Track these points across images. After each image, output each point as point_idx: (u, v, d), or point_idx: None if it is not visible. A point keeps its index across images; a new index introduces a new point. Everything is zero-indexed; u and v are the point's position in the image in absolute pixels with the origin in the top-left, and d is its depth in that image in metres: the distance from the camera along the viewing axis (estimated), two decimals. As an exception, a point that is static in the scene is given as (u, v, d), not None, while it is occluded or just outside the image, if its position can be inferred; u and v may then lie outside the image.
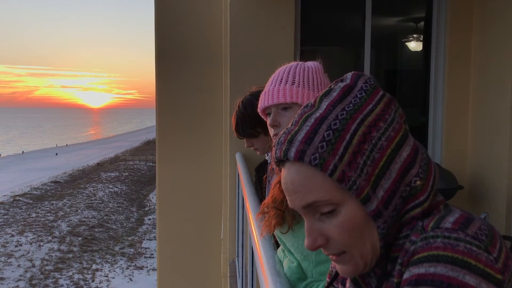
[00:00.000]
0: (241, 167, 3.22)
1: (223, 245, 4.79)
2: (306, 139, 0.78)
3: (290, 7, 4.23)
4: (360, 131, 0.78)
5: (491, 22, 4.14)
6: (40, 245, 28.02)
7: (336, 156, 0.76)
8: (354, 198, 0.77)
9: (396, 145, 0.79)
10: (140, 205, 39.03)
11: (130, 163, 56.78)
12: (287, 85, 1.55)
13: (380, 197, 0.77)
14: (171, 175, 5.72)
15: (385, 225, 0.78)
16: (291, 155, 0.79)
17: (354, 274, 0.83)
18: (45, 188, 42.96)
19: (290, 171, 0.81)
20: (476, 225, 0.71)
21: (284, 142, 0.81)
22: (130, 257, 27.64)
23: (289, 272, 1.41)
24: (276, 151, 0.83)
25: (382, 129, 0.79)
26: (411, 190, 0.79)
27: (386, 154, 0.78)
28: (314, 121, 0.80)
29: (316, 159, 0.77)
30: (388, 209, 0.77)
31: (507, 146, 3.87)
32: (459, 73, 4.44)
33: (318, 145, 0.77)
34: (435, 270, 0.66)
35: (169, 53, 5.64)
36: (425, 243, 0.70)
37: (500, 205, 3.95)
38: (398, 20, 5.02)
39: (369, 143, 0.77)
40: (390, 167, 0.78)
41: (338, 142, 0.77)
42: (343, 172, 0.76)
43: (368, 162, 0.77)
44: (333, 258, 0.83)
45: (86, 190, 41.40)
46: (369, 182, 0.76)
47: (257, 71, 4.03)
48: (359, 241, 0.79)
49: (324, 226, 0.80)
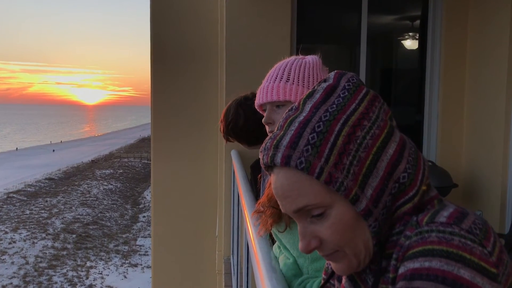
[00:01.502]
0: (236, 165, 3.22)
1: (218, 242, 4.79)
2: (291, 143, 0.79)
3: (286, 4, 4.23)
4: (344, 131, 0.78)
5: (487, 21, 4.16)
6: (34, 242, 27.91)
7: (321, 158, 0.77)
8: (343, 199, 0.77)
9: (382, 142, 0.79)
10: (135, 203, 38.94)
11: (124, 160, 56.62)
12: (281, 83, 1.54)
13: (369, 196, 0.77)
14: (166, 172, 5.71)
15: (376, 223, 0.78)
16: (278, 160, 0.79)
17: (349, 272, 0.84)
18: (39, 185, 42.78)
19: (278, 177, 0.81)
20: (470, 219, 0.72)
21: (271, 148, 0.81)
22: (124, 254, 27.58)
23: (285, 268, 1.42)
24: (264, 157, 0.83)
25: (367, 127, 0.79)
26: (400, 186, 0.79)
27: (372, 153, 0.78)
28: (298, 124, 0.80)
29: (302, 163, 0.77)
30: (378, 207, 0.78)
31: (502, 144, 3.89)
32: (455, 71, 4.45)
33: (303, 149, 0.77)
34: (430, 264, 0.66)
35: (164, 50, 5.62)
36: (420, 238, 0.70)
37: (494, 203, 3.97)
38: (394, 18, 5.03)
39: (354, 143, 0.77)
40: (377, 165, 0.78)
41: (322, 145, 0.77)
42: (330, 174, 0.76)
43: (354, 162, 0.77)
44: (328, 258, 0.84)
45: (81, 187, 41.26)
46: (356, 181, 0.77)
47: (253, 68, 4.03)
48: (351, 240, 0.79)
49: (317, 228, 0.80)
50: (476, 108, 4.31)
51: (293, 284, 1.38)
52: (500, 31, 3.93)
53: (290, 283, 1.38)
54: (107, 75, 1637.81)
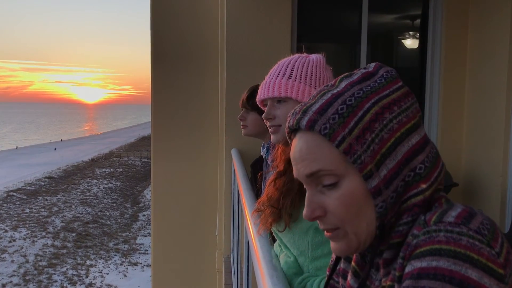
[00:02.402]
0: (236, 163, 3.22)
1: (218, 241, 4.79)
2: (319, 110, 0.82)
3: (286, 4, 4.23)
4: (373, 110, 0.80)
5: (487, 20, 4.16)
6: (34, 240, 27.91)
7: (345, 129, 0.79)
8: (357, 173, 0.79)
9: (407, 130, 0.81)
10: (135, 201, 38.95)
11: (124, 159, 56.62)
12: (283, 79, 1.54)
13: (382, 175, 0.79)
14: (166, 171, 5.71)
15: (384, 204, 0.79)
16: (303, 123, 0.82)
17: (347, 253, 0.84)
18: (39, 184, 42.78)
19: (300, 140, 0.84)
20: (478, 219, 0.72)
21: (299, 112, 0.85)
22: (124, 253, 27.59)
23: (286, 266, 1.42)
24: (290, 120, 0.86)
25: (395, 113, 0.81)
26: (415, 176, 0.81)
27: (395, 136, 0.80)
28: (331, 95, 0.84)
29: (326, 129, 0.80)
30: (388, 189, 0.79)
31: (502, 144, 3.89)
32: (455, 70, 4.45)
33: (330, 116, 0.81)
34: (437, 263, 0.66)
35: (165, 49, 5.62)
36: (428, 237, 0.70)
37: (494, 202, 3.97)
38: (394, 17, 5.03)
39: (380, 123, 0.80)
40: (397, 148, 0.80)
41: (349, 117, 0.80)
42: (350, 145, 0.79)
43: (376, 140, 0.79)
44: (328, 234, 0.84)
45: (81, 186, 41.26)
46: (373, 159, 0.78)
47: (254, 67, 4.03)
48: (355, 217, 0.80)
49: (324, 198, 0.82)
50: (477, 107, 4.31)
51: (294, 283, 1.38)
52: (501, 30, 3.93)
53: (290, 282, 1.38)
54: (107, 74, 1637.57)
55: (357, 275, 0.89)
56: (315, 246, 1.38)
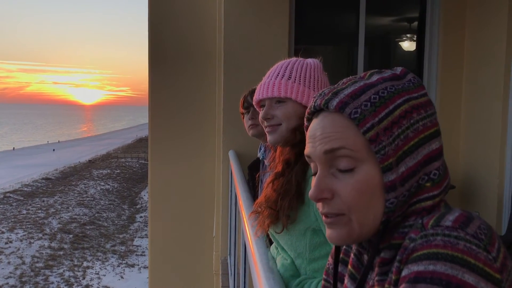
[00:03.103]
0: (234, 165, 3.22)
1: (215, 242, 4.78)
2: (352, 94, 0.82)
3: (284, 5, 4.23)
4: (403, 107, 0.81)
5: (484, 23, 4.17)
6: (30, 242, 27.85)
7: (376, 118, 0.80)
8: (376, 163, 0.79)
9: (430, 134, 0.82)
10: (132, 203, 38.89)
11: (122, 161, 56.55)
12: (283, 80, 1.54)
13: (400, 172, 0.79)
14: (163, 172, 5.70)
15: (395, 201, 0.79)
16: (333, 104, 0.82)
17: (345, 241, 0.83)
18: (36, 185, 42.68)
19: (324, 120, 0.83)
20: (476, 224, 0.72)
21: (328, 94, 0.84)
22: (121, 254, 27.54)
23: (283, 269, 1.42)
24: (317, 100, 0.86)
25: (422, 115, 0.82)
26: (428, 180, 0.82)
27: (419, 137, 0.81)
28: (364, 84, 0.84)
29: (357, 113, 0.80)
30: (403, 187, 0.79)
31: (499, 146, 3.90)
32: (452, 73, 4.46)
33: (362, 102, 0.81)
34: (434, 267, 0.66)
35: (162, 50, 5.62)
36: (425, 241, 0.70)
37: (491, 204, 3.98)
38: (392, 20, 5.04)
39: (407, 120, 0.81)
40: (419, 149, 0.80)
41: (381, 107, 0.81)
42: (377, 134, 0.79)
43: (401, 136, 0.79)
44: (329, 220, 0.82)
45: (78, 187, 41.19)
46: (395, 154, 0.79)
47: (251, 69, 4.03)
48: (365, 206, 0.79)
49: (335, 182, 0.81)
50: (473, 110, 4.32)
51: (291, 285, 1.38)
52: (498, 33, 3.94)
53: (287, 284, 1.38)
54: (104, 75, 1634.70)
55: (353, 277, 0.89)
56: (313, 248, 1.38)
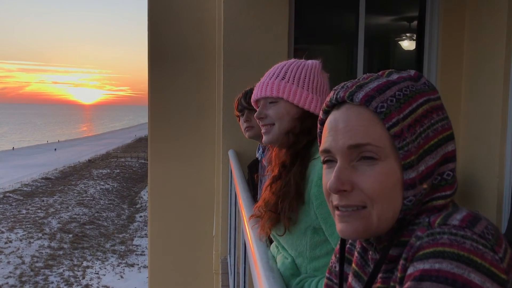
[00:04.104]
0: (233, 164, 3.22)
1: (215, 242, 4.78)
2: (378, 89, 0.82)
3: (283, 5, 4.23)
4: (425, 106, 0.82)
5: (483, 23, 4.17)
6: (30, 242, 27.87)
7: (401, 114, 0.79)
8: (397, 159, 0.79)
9: (447, 136, 0.83)
10: (132, 202, 38.91)
11: (121, 160, 56.56)
12: (277, 80, 1.56)
13: (420, 170, 0.79)
14: (163, 172, 5.70)
15: (413, 199, 0.79)
16: (359, 96, 0.81)
17: (361, 236, 0.81)
18: (36, 185, 42.70)
19: (348, 112, 0.82)
20: (483, 224, 0.72)
21: (352, 87, 0.83)
22: (121, 254, 27.57)
23: (283, 268, 1.42)
24: (339, 92, 0.84)
25: (441, 116, 0.83)
26: (442, 181, 0.82)
27: (438, 137, 0.81)
28: (387, 80, 0.83)
29: (383, 108, 0.79)
30: (422, 185, 0.79)
31: (498, 146, 3.90)
32: (452, 72, 4.46)
33: (388, 97, 0.80)
34: (440, 266, 0.66)
35: (162, 50, 5.62)
36: (431, 239, 0.70)
37: (491, 204, 3.98)
38: (391, 19, 5.04)
39: (428, 120, 0.81)
40: (438, 149, 0.81)
41: (405, 104, 0.80)
42: (402, 131, 0.79)
43: (422, 135, 0.80)
44: (344, 213, 0.81)
45: (77, 187, 41.21)
46: (417, 151, 0.79)
47: (251, 69, 4.03)
48: (387, 200, 0.79)
49: (356, 174, 0.80)
50: (473, 109, 4.32)
51: (291, 284, 1.38)
52: (497, 32, 3.95)
53: (288, 283, 1.39)
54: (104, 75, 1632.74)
55: (358, 275, 0.89)
56: (313, 246, 1.38)
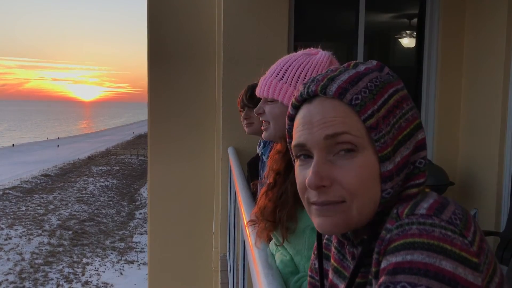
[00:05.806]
0: (233, 161, 3.22)
1: (214, 239, 4.79)
2: (350, 80, 0.80)
3: (283, 3, 4.23)
4: (395, 96, 0.81)
5: (483, 20, 4.17)
6: (30, 238, 27.88)
7: (375, 105, 0.78)
8: (373, 152, 0.77)
9: (417, 125, 0.82)
10: (131, 199, 38.93)
11: (121, 157, 56.57)
12: (275, 80, 1.54)
13: (396, 162, 0.78)
14: (163, 169, 5.70)
15: (391, 191, 0.78)
16: (332, 90, 0.79)
17: (341, 230, 0.80)
18: (35, 182, 42.70)
19: (322, 104, 0.80)
20: (450, 209, 0.71)
21: (323, 79, 0.81)
22: (120, 251, 27.60)
23: (282, 265, 1.42)
24: (310, 86, 0.82)
25: (410, 106, 0.82)
26: (415, 169, 0.82)
27: (410, 127, 0.81)
28: (356, 72, 0.82)
29: (358, 100, 0.78)
30: (399, 176, 0.79)
31: (498, 143, 3.90)
32: (452, 70, 4.46)
33: (361, 89, 0.79)
34: (411, 257, 0.66)
35: (161, 47, 5.61)
36: (401, 231, 0.70)
37: (490, 201, 3.99)
38: (391, 16, 5.03)
39: (400, 110, 0.80)
40: (411, 139, 0.80)
41: (378, 95, 0.79)
42: (377, 123, 0.77)
43: (396, 126, 0.79)
44: (323, 208, 0.79)
45: (77, 184, 41.21)
46: (392, 143, 0.78)
47: (250, 66, 4.02)
48: (366, 193, 0.77)
49: (334, 169, 0.78)
50: (473, 106, 4.32)
51: (290, 282, 1.38)
52: (497, 29, 3.94)
53: (286, 280, 1.38)
54: (103, 72, 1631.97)
55: (337, 271, 0.89)
56: (312, 245, 1.38)
